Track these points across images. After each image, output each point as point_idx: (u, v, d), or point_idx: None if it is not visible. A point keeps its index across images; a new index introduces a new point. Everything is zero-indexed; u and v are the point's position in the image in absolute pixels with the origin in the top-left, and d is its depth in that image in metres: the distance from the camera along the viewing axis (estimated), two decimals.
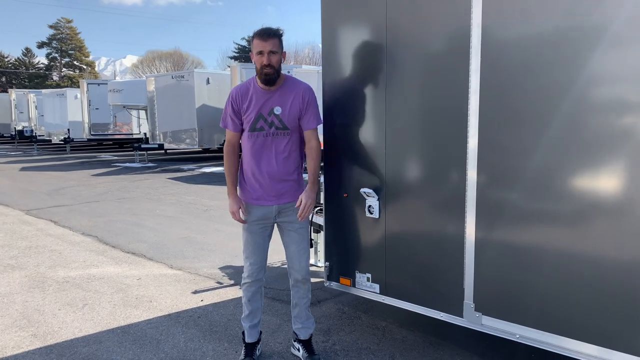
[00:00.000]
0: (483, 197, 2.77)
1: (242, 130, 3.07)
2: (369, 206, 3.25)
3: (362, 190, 3.26)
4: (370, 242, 3.30)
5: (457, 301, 2.93)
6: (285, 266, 5.24)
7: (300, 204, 3.02)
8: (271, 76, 2.90)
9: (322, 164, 3.44)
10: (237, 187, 3.15)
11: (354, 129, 3.31)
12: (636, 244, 2.31)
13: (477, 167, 2.76)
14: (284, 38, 2.97)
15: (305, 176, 3.20)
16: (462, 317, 2.93)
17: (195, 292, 4.57)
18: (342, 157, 3.39)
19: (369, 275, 3.34)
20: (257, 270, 3.18)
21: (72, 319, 3.98)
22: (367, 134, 3.24)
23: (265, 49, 2.85)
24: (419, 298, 3.11)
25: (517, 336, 2.73)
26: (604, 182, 2.38)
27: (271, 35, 2.87)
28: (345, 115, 3.35)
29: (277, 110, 2.98)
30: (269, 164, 3.03)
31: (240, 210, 3.08)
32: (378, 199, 3.21)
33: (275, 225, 3.23)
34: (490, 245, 2.77)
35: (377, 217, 3.22)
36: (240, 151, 3.16)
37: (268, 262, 5.31)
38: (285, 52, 3.04)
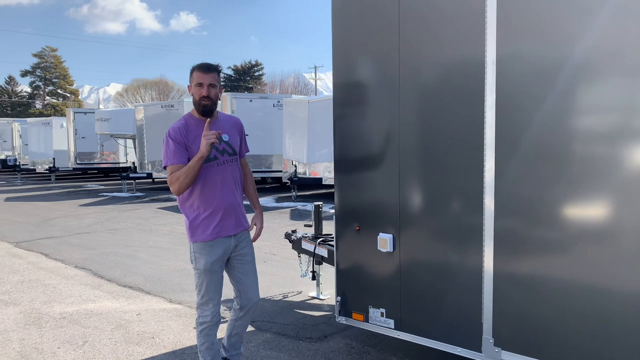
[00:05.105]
0: (501, 228, 2.78)
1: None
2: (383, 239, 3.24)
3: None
4: (384, 276, 3.28)
5: (476, 336, 2.91)
6: (287, 299, 5.18)
7: (256, 229, 3.22)
8: (209, 107, 2.98)
9: (334, 197, 3.45)
10: (190, 229, 3.00)
11: (367, 162, 3.33)
12: None
13: (494, 199, 2.79)
14: (222, 75, 2.98)
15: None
16: (480, 352, 2.90)
17: None
18: (355, 190, 3.40)
19: (383, 310, 3.31)
20: (218, 310, 3.07)
21: (72, 357, 3.84)
22: (380, 166, 3.26)
23: (205, 81, 2.93)
24: (435, 333, 3.08)
25: None
26: (622, 213, 2.42)
27: (211, 69, 2.96)
28: (357, 147, 3.37)
29: (225, 137, 3.06)
30: (229, 194, 3.03)
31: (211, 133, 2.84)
32: (392, 232, 3.21)
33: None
34: (509, 277, 2.77)
35: (391, 250, 3.21)
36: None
37: (268, 295, 5.28)
38: (222, 87, 3.09)
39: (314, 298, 5.19)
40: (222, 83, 3.09)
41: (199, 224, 2.98)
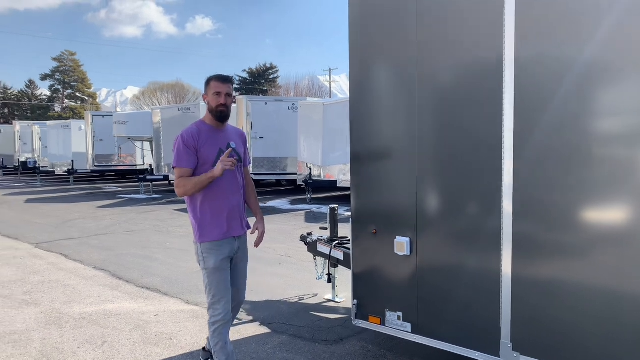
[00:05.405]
0: (519, 232, 2.76)
1: (196, 167, 3.10)
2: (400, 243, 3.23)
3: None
4: (401, 280, 3.28)
5: (494, 340, 2.89)
6: (302, 301, 5.19)
7: (258, 233, 3.35)
8: (225, 113, 3.19)
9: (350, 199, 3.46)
10: (199, 230, 3.12)
11: (384, 165, 3.33)
12: None
13: (512, 202, 2.77)
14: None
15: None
16: (499, 356, 2.88)
17: None
18: (371, 193, 3.40)
19: (399, 313, 3.30)
20: (230, 308, 3.16)
21: (92, 357, 3.90)
22: (397, 169, 3.26)
23: (222, 90, 3.14)
24: (453, 337, 3.06)
25: None
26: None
27: (228, 80, 3.21)
28: (374, 150, 3.37)
29: (233, 144, 3.25)
30: (236, 197, 3.22)
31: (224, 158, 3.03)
32: (409, 236, 3.20)
33: None
34: (528, 281, 2.75)
35: (408, 254, 3.20)
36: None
37: (284, 297, 5.30)
38: (234, 97, 3.17)
39: (329, 301, 5.19)
40: (237, 86, 3.22)
41: (207, 224, 3.13)
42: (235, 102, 17.79)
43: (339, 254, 4.72)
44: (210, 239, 3.11)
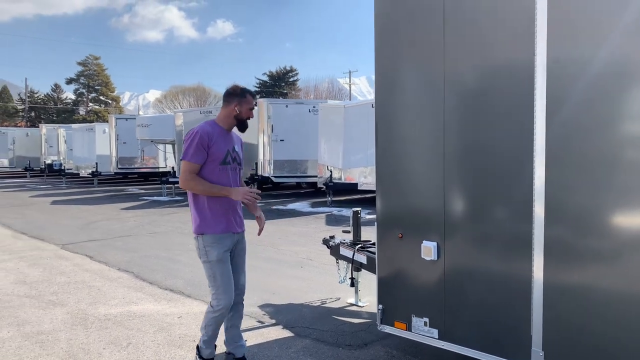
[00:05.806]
0: (551, 237, 2.69)
1: (204, 163, 3.34)
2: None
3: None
4: (428, 285, 3.22)
5: (524, 348, 2.81)
6: (325, 305, 5.16)
7: (261, 220, 3.56)
8: (247, 125, 3.52)
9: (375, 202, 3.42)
10: (201, 224, 3.33)
11: (410, 168, 3.28)
12: None
13: (544, 207, 2.70)
14: None
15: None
16: None
17: None
18: (397, 197, 3.35)
19: (426, 319, 3.24)
20: (233, 296, 3.36)
21: (117, 358, 3.93)
22: (424, 172, 3.21)
23: (254, 106, 3.51)
24: (481, 344, 3.00)
25: None
26: None
27: (255, 97, 3.58)
28: (400, 152, 3.33)
29: (237, 147, 3.54)
30: None
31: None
32: (436, 240, 3.15)
33: None
34: (561, 288, 2.67)
35: (436, 258, 3.15)
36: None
37: (306, 300, 5.27)
38: None
39: (352, 305, 5.15)
40: (257, 89, 3.48)
41: (210, 219, 3.34)
42: (256, 105, 17.84)
43: (362, 258, 4.68)
44: (212, 231, 3.32)
